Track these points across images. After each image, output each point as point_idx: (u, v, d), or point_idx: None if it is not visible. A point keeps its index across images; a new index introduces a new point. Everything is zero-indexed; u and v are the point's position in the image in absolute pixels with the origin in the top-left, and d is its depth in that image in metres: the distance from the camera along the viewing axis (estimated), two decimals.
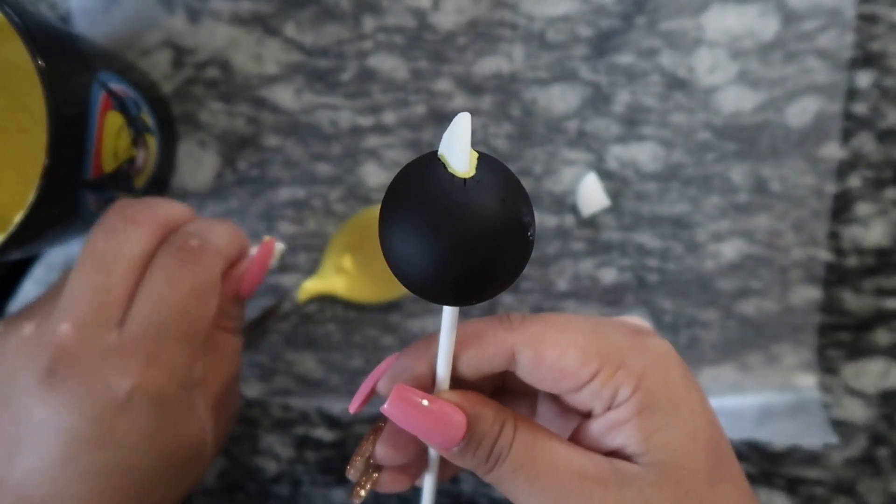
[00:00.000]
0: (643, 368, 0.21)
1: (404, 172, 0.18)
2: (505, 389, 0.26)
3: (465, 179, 0.17)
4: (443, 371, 0.22)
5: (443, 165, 0.17)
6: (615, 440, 0.21)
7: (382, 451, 0.23)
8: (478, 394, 0.22)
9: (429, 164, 0.17)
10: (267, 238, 0.29)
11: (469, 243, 0.16)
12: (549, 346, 0.22)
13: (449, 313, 0.20)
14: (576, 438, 0.23)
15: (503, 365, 0.22)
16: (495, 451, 0.21)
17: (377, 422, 0.24)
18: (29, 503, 0.24)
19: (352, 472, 0.24)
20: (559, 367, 0.21)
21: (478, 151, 0.17)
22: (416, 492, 0.26)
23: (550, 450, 0.21)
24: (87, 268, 0.25)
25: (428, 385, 0.22)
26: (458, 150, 0.17)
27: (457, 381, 0.22)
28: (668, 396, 0.21)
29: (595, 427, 0.22)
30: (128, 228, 0.25)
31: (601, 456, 0.21)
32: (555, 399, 0.25)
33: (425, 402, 0.21)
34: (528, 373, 0.22)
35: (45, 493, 0.23)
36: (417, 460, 0.24)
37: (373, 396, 0.24)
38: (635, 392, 0.21)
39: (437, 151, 0.17)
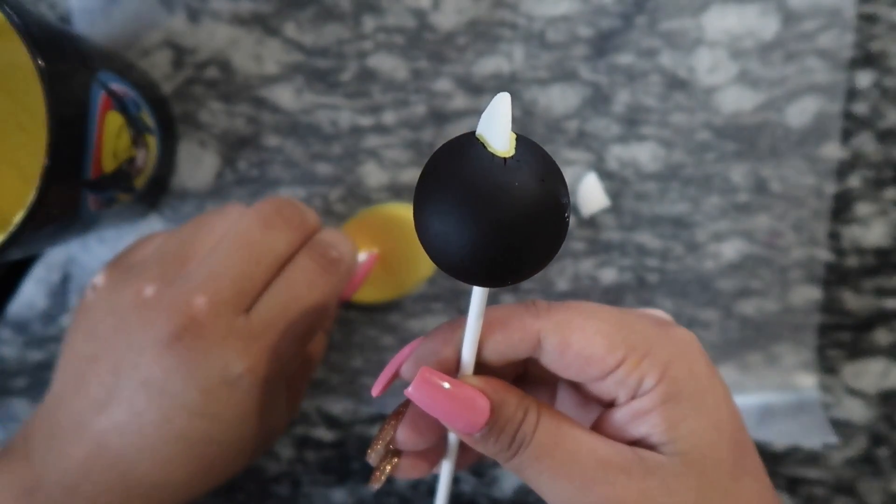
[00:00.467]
0: (669, 358, 0.21)
1: (442, 151, 0.17)
2: (525, 377, 0.26)
3: (505, 159, 0.17)
4: (468, 355, 0.21)
5: (482, 145, 0.17)
6: (639, 429, 0.21)
7: (404, 434, 0.23)
8: (501, 380, 0.22)
9: (467, 144, 0.17)
10: (372, 251, 0.32)
11: (510, 223, 0.16)
12: (576, 333, 0.21)
13: (479, 295, 0.20)
14: (599, 427, 0.23)
15: (528, 351, 0.22)
16: (518, 438, 0.21)
17: (398, 407, 0.24)
18: (107, 449, 0.25)
19: (372, 457, 0.24)
20: (585, 355, 0.21)
21: (515, 133, 0.17)
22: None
23: (574, 437, 0.21)
24: (237, 252, 0.26)
25: (452, 369, 0.22)
26: (499, 130, 0.17)
27: (480, 367, 0.22)
28: (693, 386, 0.21)
29: (619, 416, 0.22)
30: (283, 227, 0.27)
31: (625, 445, 0.21)
32: (575, 388, 0.24)
33: (449, 386, 0.21)
34: (553, 360, 0.22)
35: (127, 443, 0.25)
36: (437, 446, 0.25)
37: (395, 379, 0.24)
38: (661, 381, 0.21)
39: (474, 132, 0.17)
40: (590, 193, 0.34)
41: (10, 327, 0.36)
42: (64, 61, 0.25)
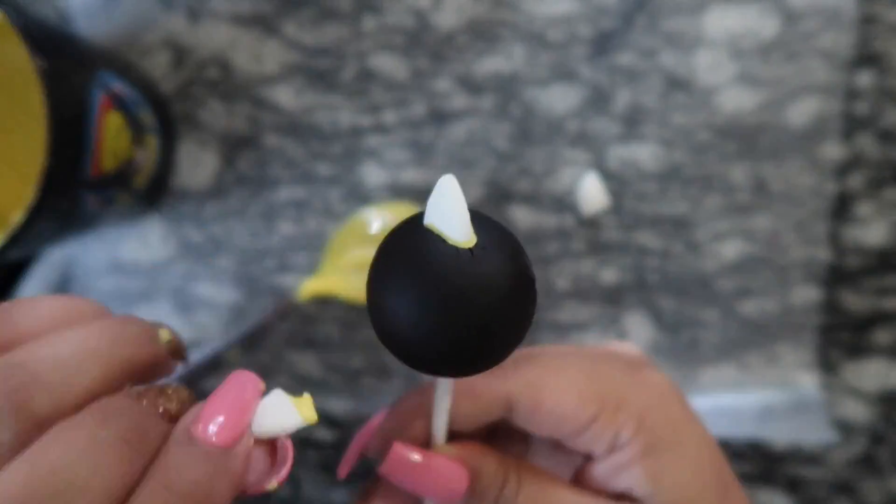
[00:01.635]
0: (644, 406, 0.21)
1: (395, 247, 0.16)
2: (498, 429, 0.24)
3: (470, 249, 0.15)
4: (439, 432, 0.21)
5: (439, 238, 0.15)
6: (622, 483, 0.21)
7: None
8: (478, 444, 0.21)
9: (422, 237, 0.15)
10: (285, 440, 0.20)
11: (491, 318, 0.15)
12: (547, 392, 0.21)
13: (449, 380, 0.19)
14: (581, 481, 0.22)
15: (499, 414, 0.21)
16: (501, 503, 0.21)
17: (367, 485, 0.23)
18: None
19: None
20: (558, 413, 0.21)
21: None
22: None
23: (559, 498, 0.21)
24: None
25: (423, 440, 0.21)
26: (456, 221, 0.15)
27: (451, 432, 0.21)
28: (671, 434, 0.21)
29: (600, 470, 0.21)
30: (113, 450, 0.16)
31: (609, 500, 0.21)
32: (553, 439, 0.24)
33: (424, 460, 0.20)
34: (525, 420, 0.21)
35: None
36: None
37: (362, 458, 0.22)
38: (638, 433, 0.21)
39: (421, 221, 0.16)
40: (590, 193, 0.34)
41: None
42: (64, 61, 0.25)
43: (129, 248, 0.35)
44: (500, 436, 0.24)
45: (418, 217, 0.16)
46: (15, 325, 0.17)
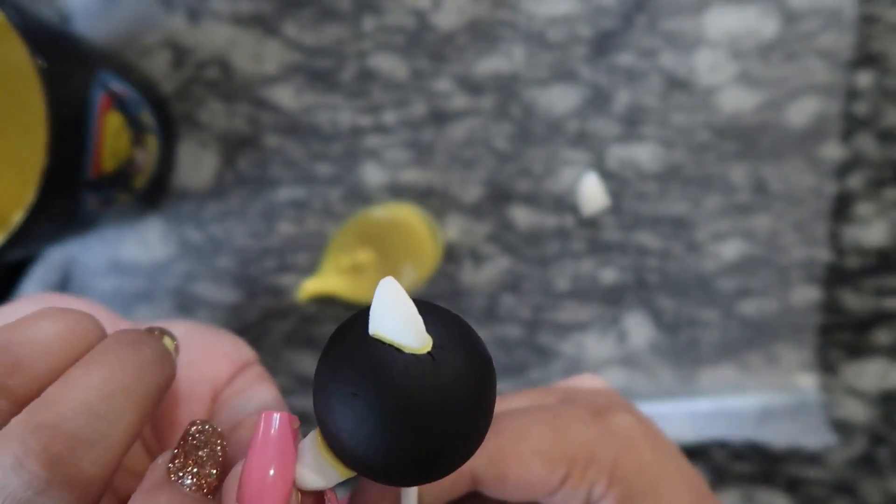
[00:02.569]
0: (614, 456, 0.21)
1: (344, 360, 0.15)
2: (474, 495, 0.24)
3: (430, 353, 0.14)
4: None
5: (393, 348, 0.14)
6: None
7: None
8: None
9: (375, 349, 0.14)
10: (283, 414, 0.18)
11: (456, 427, 0.14)
12: (511, 462, 0.20)
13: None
14: None
15: (466, 489, 0.21)
16: None
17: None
18: None
19: None
20: (525, 482, 0.20)
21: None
22: None
23: None
24: None
25: None
26: (410, 328, 0.14)
27: None
28: (644, 481, 0.21)
29: None
30: None
31: None
32: None
33: None
34: (495, 491, 0.21)
35: None
36: None
37: None
38: (611, 486, 0.20)
39: (366, 331, 0.15)
40: (590, 193, 0.34)
41: None
42: (64, 61, 0.25)
43: (129, 248, 0.35)
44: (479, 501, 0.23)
45: (363, 324, 0.15)
46: (20, 364, 0.16)
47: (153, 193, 0.34)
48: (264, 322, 0.34)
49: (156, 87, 0.34)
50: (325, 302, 0.35)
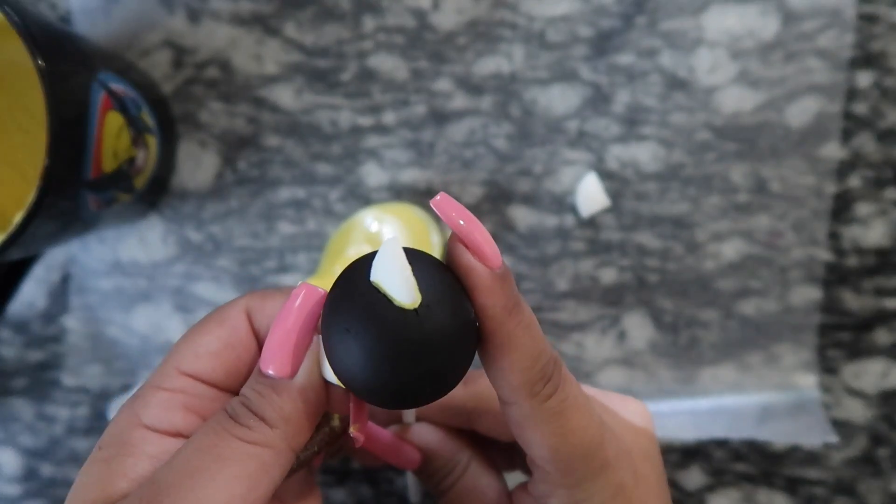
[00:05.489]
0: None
1: (345, 299, 0.17)
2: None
3: (416, 310, 0.16)
4: (408, 416, 0.25)
5: (386, 298, 0.16)
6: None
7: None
8: (441, 434, 0.25)
9: (371, 295, 0.17)
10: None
11: (435, 365, 0.17)
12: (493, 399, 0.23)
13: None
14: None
15: (461, 416, 0.25)
16: (440, 487, 0.25)
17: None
18: None
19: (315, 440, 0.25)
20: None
21: (405, 250, 0.17)
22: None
23: (481, 498, 0.24)
24: None
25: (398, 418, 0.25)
26: (401, 285, 0.16)
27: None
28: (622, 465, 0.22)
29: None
30: None
31: None
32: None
33: (389, 438, 0.24)
34: (483, 426, 0.25)
35: None
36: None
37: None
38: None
39: (368, 272, 0.17)
40: (590, 193, 0.34)
41: (10, 327, 0.36)
42: (64, 61, 0.25)
43: (129, 248, 0.35)
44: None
45: (367, 269, 0.17)
46: None
47: (153, 193, 0.34)
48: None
49: (156, 87, 0.34)
50: None
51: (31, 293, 0.36)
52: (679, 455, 0.35)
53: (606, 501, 0.21)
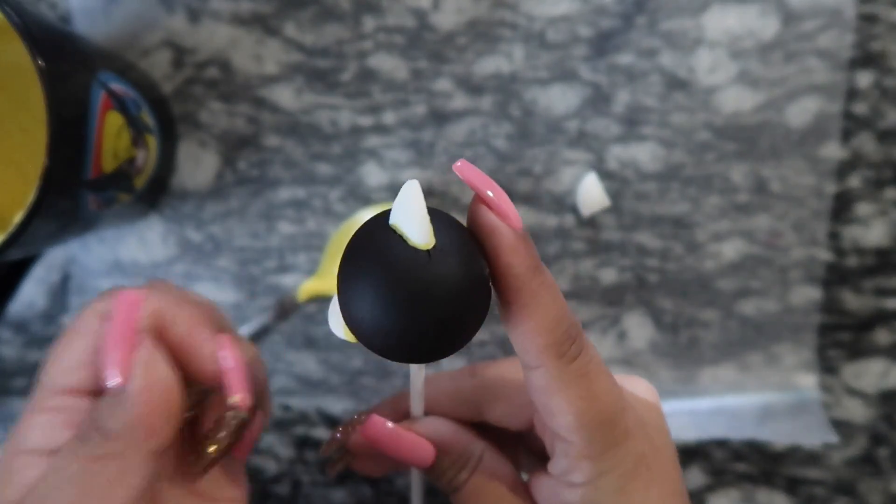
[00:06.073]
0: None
1: (361, 245, 0.17)
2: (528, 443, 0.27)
3: (428, 252, 0.17)
4: (416, 409, 0.24)
5: (402, 240, 0.17)
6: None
7: (357, 442, 0.25)
8: (453, 427, 0.24)
9: (386, 236, 0.17)
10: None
11: (444, 313, 0.17)
12: (503, 388, 0.25)
13: (417, 369, 0.22)
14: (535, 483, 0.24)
15: (470, 406, 0.25)
16: (453, 483, 0.24)
17: (354, 417, 0.25)
18: None
19: (325, 451, 0.25)
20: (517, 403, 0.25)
21: (429, 208, 0.17)
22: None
23: (494, 496, 0.23)
24: None
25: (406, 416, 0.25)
26: (417, 225, 0.17)
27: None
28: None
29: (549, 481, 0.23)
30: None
31: None
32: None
33: (394, 430, 0.24)
34: (493, 416, 0.25)
35: None
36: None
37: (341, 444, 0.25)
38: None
39: (387, 218, 0.17)
40: (590, 193, 0.34)
41: (10, 327, 0.36)
42: (64, 61, 0.25)
43: (129, 248, 0.35)
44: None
45: (385, 215, 0.18)
46: None
47: (153, 193, 0.34)
48: (264, 322, 0.34)
49: (156, 87, 0.34)
50: (325, 302, 0.35)
51: (31, 293, 0.36)
52: (679, 455, 0.35)
53: (629, 472, 0.21)
